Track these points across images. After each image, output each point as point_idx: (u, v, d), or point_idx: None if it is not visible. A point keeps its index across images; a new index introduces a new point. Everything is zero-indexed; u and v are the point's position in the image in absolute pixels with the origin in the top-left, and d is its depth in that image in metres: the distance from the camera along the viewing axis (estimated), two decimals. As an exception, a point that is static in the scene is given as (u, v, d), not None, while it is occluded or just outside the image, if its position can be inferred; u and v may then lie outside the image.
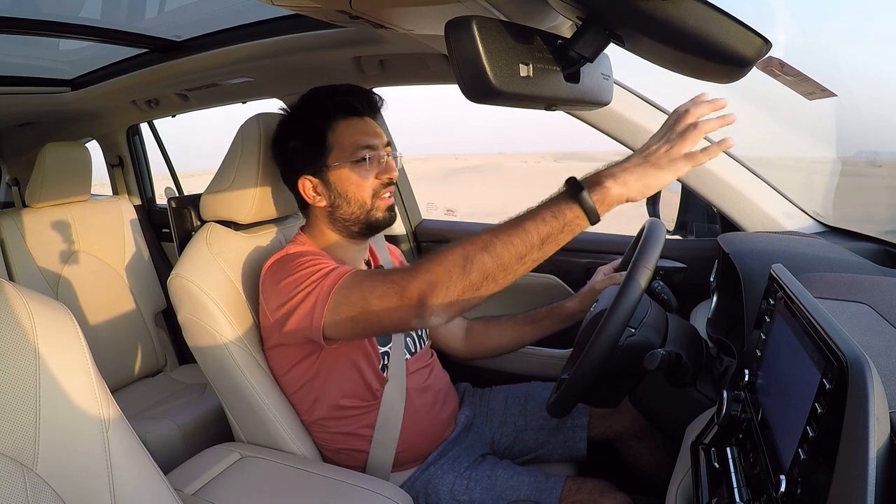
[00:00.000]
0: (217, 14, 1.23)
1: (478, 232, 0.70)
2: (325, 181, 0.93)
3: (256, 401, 0.93)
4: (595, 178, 0.66)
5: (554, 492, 0.90)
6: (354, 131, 0.93)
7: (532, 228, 0.66)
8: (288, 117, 0.98)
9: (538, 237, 0.66)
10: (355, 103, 0.94)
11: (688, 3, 0.46)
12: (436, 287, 0.69)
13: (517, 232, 0.67)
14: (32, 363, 0.53)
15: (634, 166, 0.65)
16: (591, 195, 0.65)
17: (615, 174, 0.65)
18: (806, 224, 1.12)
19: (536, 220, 0.66)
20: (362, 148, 0.92)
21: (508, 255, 0.67)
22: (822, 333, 0.43)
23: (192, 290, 0.92)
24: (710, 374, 0.84)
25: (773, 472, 0.45)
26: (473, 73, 0.50)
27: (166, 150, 2.14)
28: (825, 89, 0.94)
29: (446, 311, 0.70)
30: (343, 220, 0.95)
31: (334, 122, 0.92)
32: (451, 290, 0.69)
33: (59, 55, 1.50)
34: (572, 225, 0.66)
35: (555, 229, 0.66)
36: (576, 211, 0.65)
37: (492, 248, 0.67)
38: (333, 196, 0.93)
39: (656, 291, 1.01)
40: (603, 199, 0.65)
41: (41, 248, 1.66)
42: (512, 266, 0.68)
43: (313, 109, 0.94)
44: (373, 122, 0.96)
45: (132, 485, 0.57)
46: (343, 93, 0.95)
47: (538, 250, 0.67)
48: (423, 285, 0.70)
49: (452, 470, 0.96)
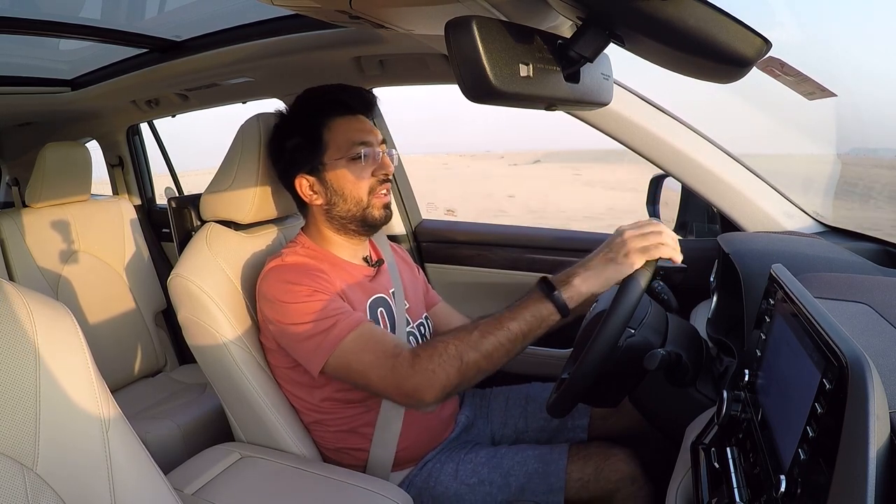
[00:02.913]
0: (217, 14, 1.23)
1: (467, 328, 0.79)
2: (321, 179, 0.94)
3: (256, 400, 0.93)
4: (563, 277, 0.79)
5: (560, 460, 0.91)
6: (349, 129, 0.94)
7: (515, 328, 0.77)
8: (283, 118, 0.99)
9: (521, 334, 0.77)
10: (349, 101, 0.95)
11: (688, 3, 0.46)
12: (433, 385, 0.76)
13: (502, 331, 0.77)
14: (32, 363, 0.53)
15: (596, 265, 0.77)
16: (562, 293, 0.77)
17: (579, 273, 0.78)
18: (806, 224, 1.12)
19: (518, 320, 0.77)
20: (357, 145, 0.93)
21: (497, 353, 0.77)
22: (822, 333, 0.43)
23: (192, 289, 0.92)
24: (710, 374, 0.84)
25: (773, 472, 0.45)
26: (473, 73, 0.50)
27: (166, 149, 2.14)
28: (825, 89, 0.94)
29: (438, 402, 0.78)
30: (340, 218, 0.95)
31: (329, 119, 0.94)
32: (446, 387, 0.77)
33: (59, 55, 1.50)
34: (548, 321, 0.78)
35: (533, 326, 0.78)
36: (550, 308, 0.77)
37: (482, 349, 0.76)
38: (330, 194, 0.94)
39: (656, 291, 1.01)
40: (572, 296, 0.77)
41: (41, 248, 1.66)
42: (500, 360, 0.78)
43: (308, 109, 0.96)
44: (367, 119, 0.97)
45: (132, 485, 0.57)
46: (337, 91, 0.96)
47: (520, 344, 0.78)
48: (422, 382, 0.77)
49: (452, 459, 0.96)
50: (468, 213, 10.14)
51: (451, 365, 0.76)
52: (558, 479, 0.89)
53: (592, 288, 0.77)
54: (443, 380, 0.76)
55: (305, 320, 0.83)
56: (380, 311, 0.96)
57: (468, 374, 0.77)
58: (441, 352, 0.77)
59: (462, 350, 0.77)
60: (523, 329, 0.77)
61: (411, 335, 1.01)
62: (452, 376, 0.76)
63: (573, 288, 0.77)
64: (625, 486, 0.88)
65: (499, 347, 0.77)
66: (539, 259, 1.41)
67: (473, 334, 0.78)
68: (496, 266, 1.46)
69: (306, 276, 0.86)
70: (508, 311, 0.79)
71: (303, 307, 0.83)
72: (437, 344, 0.78)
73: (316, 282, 0.86)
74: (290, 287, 0.85)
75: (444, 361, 0.76)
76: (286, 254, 0.93)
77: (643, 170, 1.22)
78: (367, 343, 0.81)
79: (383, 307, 0.97)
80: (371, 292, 0.97)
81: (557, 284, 0.78)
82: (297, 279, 0.86)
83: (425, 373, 0.76)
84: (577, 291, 0.77)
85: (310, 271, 0.88)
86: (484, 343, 0.77)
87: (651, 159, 1.12)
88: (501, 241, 1.47)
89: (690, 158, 1.09)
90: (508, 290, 1.45)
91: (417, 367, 0.77)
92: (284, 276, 0.87)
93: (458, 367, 0.76)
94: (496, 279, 1.46)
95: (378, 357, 0.80)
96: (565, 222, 9.61)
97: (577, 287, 0.77)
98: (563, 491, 0.89)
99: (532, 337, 0.78)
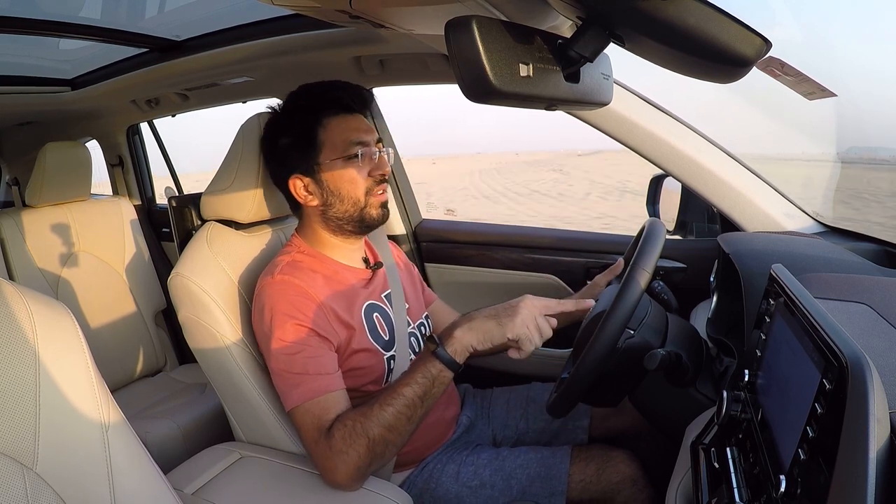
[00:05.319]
0: (217, 14, 1.23)
1: (375, 404, 0.79)
2: (316, 180, 0.91)
3: (257, 400, 0.92)
4: (449, 329, 0.80)
5: (563, 463, 0.91)
6: (346, 128, 0.91)
7: (410, 393, 0.78)
8: (277, 115, 0.96)
9: (416, 398, 0.78)
10: (346, 99, 0.92)
11: (688, 3, 0.46)
12: (348, 465, 0.77)
13: (399, 399, 0.78)
14: (32, 363, 0.53)
15: (480, 318, 0.79)
16: (447, 347, 0.78)
17: (462, 324, 0.79)
18: (806, 224, 1.12)
19: (411, 385, 0.78)
20: (354, 144, 0.90)
21: (399, 423, 0.78)
22: (822, 333, 0.43)
23: (192, 289, 0.92)
24: (710, 374, 0.84)
25: (773, 472, 0.45)
26: (473, 73, 0.50)
27: (166, 149, 2.14)
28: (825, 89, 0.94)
29: (354, 482, 0.79)
30: (336, 219, 0.93)
31: (325, 118, 0.91)
32: (360, 467, 0.78)
33: (59, 55, 1.50)
34: (440, 378, 0.79)
35: (427, 387, 0.78)
36: (438, 366, 0.78)
37: (384, 422, 0.77)
38: (326, 195, 0.92)
39: (656, 291, 1.01)
40: (456, 349, 0.78)
41: (41, 248, 1.66)
42: (405, 429, 0.79)
43: (303, 106, 0.93)
44: (363, 118, 0.95)
45: (132, 484, 0.57)
46: (333, 89, 0.93)
47: (420, 409, 0.79)
48: (337, 464, 0.77)
49: (453, 461, 0.96)
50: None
51: (360, 444, 0.77)
52: (560, 483, 0.89)
53: (472, 341, 0.78)
54: (355, 460, 0.77)
55: (279, 359, 0.83)
56: (375, 316, 0.95)
57: (377, 450, 0.77)
58: (350, 431, 0.77)
59: (367, 426, 0.77)
60: (418, 392, 0.78)
61: (412, 336, 1.01)
62: (363, 455, 0.77)
63: (456, 340, 0.78)
64: (626, 487, 0.88)
65: (398, 416, 0.77)
66: (539, 259, 1.41)
67: (374, 408, 0.78)
68: (496, 266, 1.46)
69: (293, 306, 0.84)
70: (402, 376, 0.81)
71: (281, 346, 0.83)
72: (347, 421, 0.78)
73: (301, 312, 0.84)
74: (276, 317, 0.84)
75: (353, 441, 0.77)
76: (279, 263, 0.90)
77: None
78: (312, 416, 0.80)
79: (378, 312, 0.96)
80: (366, 298, 0.95)
81: (443, 339, 0.79)
82: (284, 309, 0.84)
83: (339, 455, 0.77)
84: (459, 344, 0.78)
85: (298, 299, 0.85)
86: (384, 415, 0.77)
87: (651, 159, 1.12)
88: (501, 241, 1.47)
89: (690, 158, 1.09)
90: (508, 290, 1.45)
91: (334, 448, 0.77)
92: (272, 302, 0.85)
93: (367, 444, 0.77)
94: (496, 279, 1.46)
95: (312, 433, 0.80)
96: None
97: (458, 339, 0.78)
98: (565, 494, 0.89)
99: (431, 398, 0.79)
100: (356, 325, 0.90)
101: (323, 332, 0.85)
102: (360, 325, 0.91)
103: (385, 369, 0.93)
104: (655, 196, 1.36)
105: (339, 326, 0.88)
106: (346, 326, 0.88)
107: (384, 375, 0.93)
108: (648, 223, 0.88)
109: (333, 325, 0.87)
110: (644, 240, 0.81)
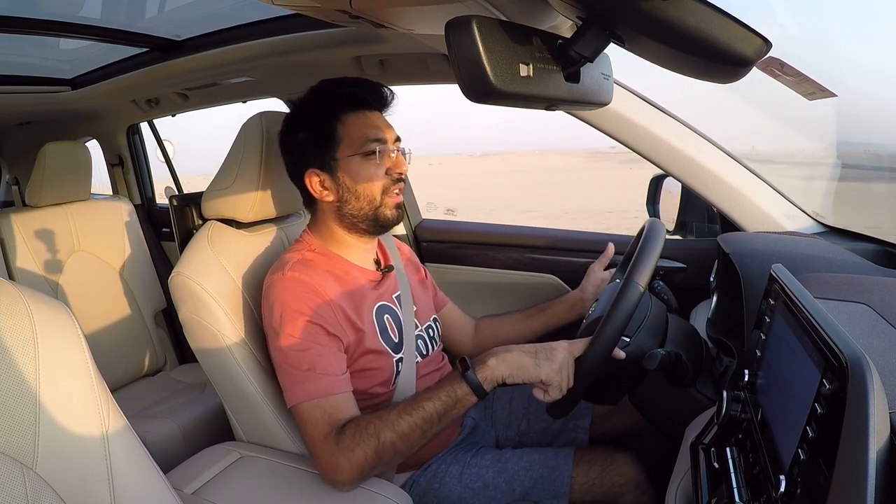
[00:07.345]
0: (217, 14, 1.23)
1: (395, 411, 0.79)
2: (333, 175, 0.91)
3: (257, 400, 0.92)
4: (483, 357, 0.79)
5: (566, 465, 0.91)
6: (364, 124, 0.90)
7: (430, 408, 0.78)
8: (296, 110, 0.95)
9: (436, 414, 0.78)
10: (366, 96, 0.92)
11: (688, 3, 0.46)
12: (352, 463, 0.77)
13: (418, 411, 0.78)
14: (32, 363, 0.53)
15: (518, 352, 0.78)
16: (477, 373, 0.77)
17: (499, 354, 0.78)
18: (806, 224, 1.12)
19: (434, 400, 0.78)
20: (372, 141, 0.89)
21: (413, 434, 0.78)
22: (822, 334, 0.43)
23: (193, 288, 0.91)
24: (710, 374, 0.84)
25: (772, 472, 0.45)
26: (473, 73, 0.50)
27: (167, 149, 2.14)
28: (825, 89, 0.94)
29: (353, 482, 0.79)
30: (351, 216, 0.92)
31: (343, 113, 0.90)
32: (363, 467, 0.78)
33: (59, 54, 1.50)
34: (464, 401, 0.78)
35: (448, 406, 0.78)
36: (464, 389, 0.77)
37: (399, 429, 0.77)
38: (342, 191, 0.91)
39: (656, 291, 1.01)
40: (486, 377, 0.77)
41: (41, 248, 1.66)
42: (416, 441, 0.79)
43: (322, 101, 0.92)
44: (382, 116, 0.95)
45: (132, 484, 0.57)
46: (353, 85, 0.93)
47: (436, 426, 0.79)
48: (341, 461, 0.77)
49: (457, 462, 0.96)
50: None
51: (369, 445, 0.77)
52: (563, 485, 0.89)
53: (503, 373, 0.78)
54: (360, 460, 0.77)
55: (287, 355, 0.83)
56: (385, 317, 0.95)
57: (384, 456, 0.77)
58: (362, 431, 0.77)
59: (380, 429, 0.77)
60: (438, 409, 0.78)
61: (420, 338, 1.00)
62: (370, 456, 0.77)
63: (488, 369, 0.77)
64: (629, 490, 0.88)
65: (414, 428, 0.77)
66: (539, 259, 1.41)
67: (392, 414, 0.78)
68: (497, 266, 1.46)
69: (303, 303, 0.84)
70: (426, 390, 0.80)
71: (291, 343, 0.83)
72: (360, 421, 0.79)
73: (311, 310, 0.84)
74: (286, 314, 0.84)
75: (362, 441, 0.77)
76: (289, 260, 0.89)
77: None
78: (320, 412, 0.80)
79: (389, 314, 0.96)
80: (377, 299, 0.95)
81: (475, 364, 0.78)
82: (295, 305, 0.84)
83: (345, 452, 0.77)
84: (491, 373, 0.77)
85: (308, 297, 0.85)
86: (400, 423, 0.77)
87: (651, 159, 1.13)
88: (502, 241, 1.47)
89: (690, 158, 1.09)
90: (509, 290, 1.45)
91: (341, 445, 0.77)
92: (283, 298, 0.85)
93: (376, 446, 0.77)
94: (497, 279, 1.46)
95: (319, 429, 0.80)
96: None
97: (491, 368, 0.77)
98: (568, 496, 0.88)
99: (449, 418, 0.79)
100: (366, 326, 0.90)
101: (332, 330, 0.85)
102: (370, 327, 0.91)
103: (394, 371, 0.93)
104: (655, 196, 1.36)
105: (348, 326, 0.88)
106: (354, 327, 0.88)
107: (393, 377, 0.93)
108: (648, 223, 0.88)
109: (342, 324, 0.87)
110: (644, 240, 0.81)
